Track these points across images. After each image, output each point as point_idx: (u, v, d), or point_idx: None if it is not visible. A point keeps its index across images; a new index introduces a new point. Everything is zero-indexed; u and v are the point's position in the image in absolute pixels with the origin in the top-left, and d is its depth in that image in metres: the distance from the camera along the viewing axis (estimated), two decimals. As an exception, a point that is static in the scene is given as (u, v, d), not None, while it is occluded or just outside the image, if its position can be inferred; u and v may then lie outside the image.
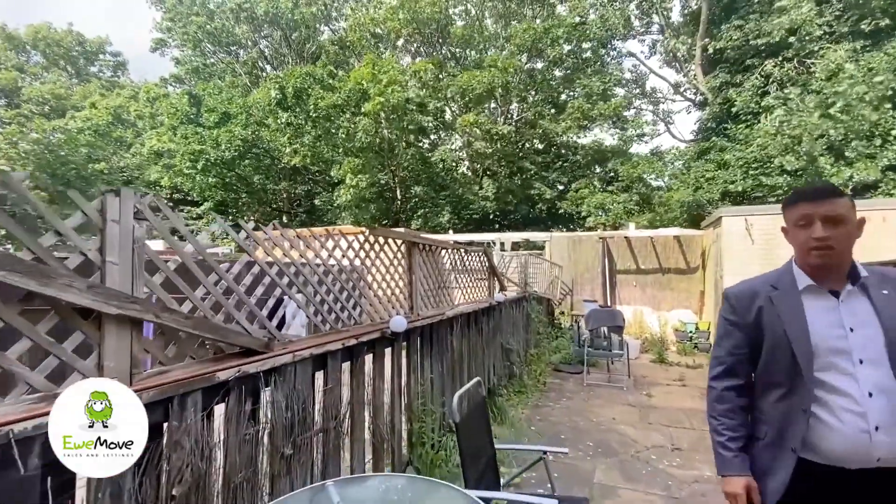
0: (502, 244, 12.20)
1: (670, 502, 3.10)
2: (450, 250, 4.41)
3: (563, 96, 19.99)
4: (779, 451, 1.29)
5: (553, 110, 18.90)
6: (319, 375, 2.32)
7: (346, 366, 2.56)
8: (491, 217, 17.74)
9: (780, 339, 1.28)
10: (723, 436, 1.38)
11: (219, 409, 1.71)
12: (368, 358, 2.80)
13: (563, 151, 19.78)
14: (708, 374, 1.46)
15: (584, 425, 4.58)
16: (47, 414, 1.13)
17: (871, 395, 1.18)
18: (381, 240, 3.23)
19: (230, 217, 18.21)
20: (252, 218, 18.94)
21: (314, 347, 2.23)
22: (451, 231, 15.33)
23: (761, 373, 1.36)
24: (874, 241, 6.79)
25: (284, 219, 20.09)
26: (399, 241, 3.45)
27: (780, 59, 13.11)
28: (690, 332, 9.17)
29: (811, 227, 1.24)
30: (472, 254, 5.01)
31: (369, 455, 2.72)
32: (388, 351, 3.02)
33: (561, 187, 18.69)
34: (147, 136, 19.12)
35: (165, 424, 1.53)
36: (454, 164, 18.86)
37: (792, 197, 1.32)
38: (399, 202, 19.68)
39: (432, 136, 21.27)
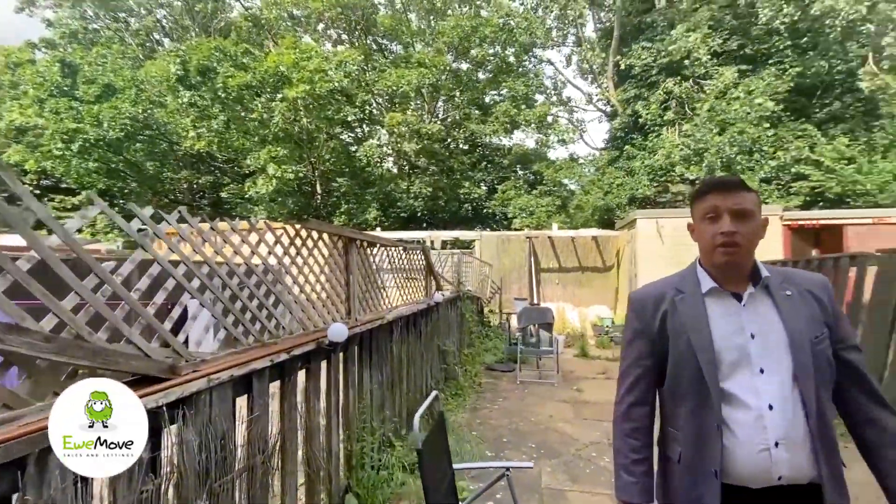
0: (432, 242, 12.02)
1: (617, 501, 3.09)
2: (390, 248, 4.06)
3: (488, 98, 20.38)
4: (699, 476, 1.16)
5: (478, 112, 19.17)
6: (242, 401, 1.88)
7: (275, 386, 2.12)
8: (419, 215, 17.49)
9: (684, 349, 1.19)
10: (626, 458, 1.27)
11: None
12: (302, 374, 2.38)
13: (488, 152, 20.17)
14: (617, 387, 1.35)
15: (524, 426, 4.52)
16: None
17: (771, 407, 1.10)
18: (315, 235, 2.81)
19: (116, 208, 15.78)
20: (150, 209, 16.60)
21: (235, 367, 1.79)
22: (378, 229, 14.81)
23: (669, 385, 1.25)
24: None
25: (185, 211, 17.90)
26: (335, 237, 3.04)
27: (679, 78, 14.58)
28: (607, 326, 9.76)
29: (719, 220, 1.16)
30: (411, 252, 4.71)
31: (303, 489, 2.30)
32: (324, 364, 2.62)
33: (486, 187, 19.04)
34: (6, 109, 15.82)
35: (15, 498, 1.05)
36: (380, 160, 18.28)
37: (702, 188, 1.24)
38: (320, 197, 18.61)
39: (357, 130, 20.46)
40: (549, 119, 19.10)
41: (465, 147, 19.93)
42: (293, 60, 14.00)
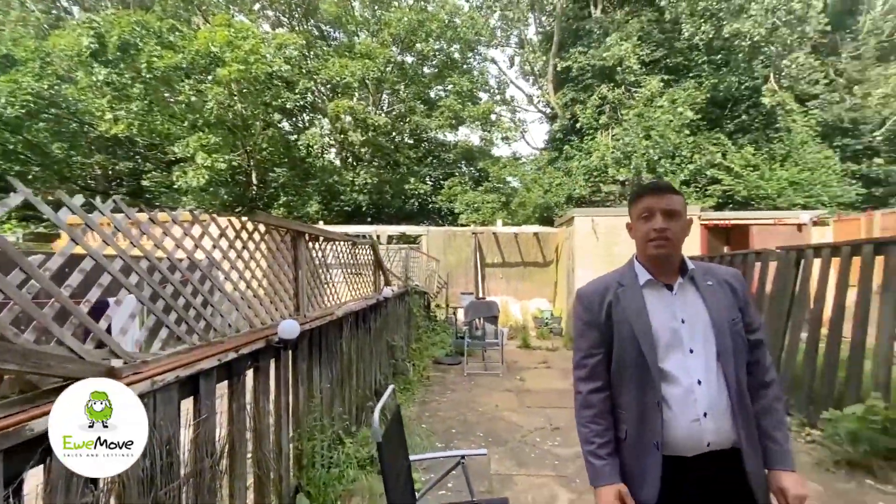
0: (378, 237, 11.86)
1: (560, 481, 3.29)
2: (338, 243, 3.98)
3: (433, 93, 20.39)
4: (643, 451, 1.29)
5: (423, 106, 19.14)
6: (189, 404, 1.78)
7: (223, 386, 2.02)
8: (364, 209, 17.14)
9: (627, 334, 1.33)
10: (592, 444, 1.35)
11: (35, 477, 1.13)
12: (251, 374, 2.29)
13: (433, 147, 20.19)
14: (573, 378, 1.46)
15: (472, 417, 4.65)
16: None
17: (699, 382, 1.25)
18: (263, 228, 2.70)
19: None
20: (52, 198, 14.80)
21: (181, 368, 1.68)
22: (320, 222, 14.34)
23: (616, 369, 1.37)
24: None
25: (99, 200, 16.20)
26: (283, 231, 2.93)
27: (613, 84, 15.52)
28: (546, 318, 10.25)
29: (653, 219, 1.31)
30: (360, 247, 4.64)
31: (251, 491, 2.22)
32: (273, 363, 2.53)
33: (432, 183, 19.07)
34: None
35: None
36: (322, 150, 17.65)
37: (638, 191, 1.40)
38: (256, 188, 17.63)
39: (296, 118, 19.60)
40: (493, 117, 19.50)
41: (411, 141, 19.81)
42: (227, 39, 13.08)
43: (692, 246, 8.73)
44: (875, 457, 3.25)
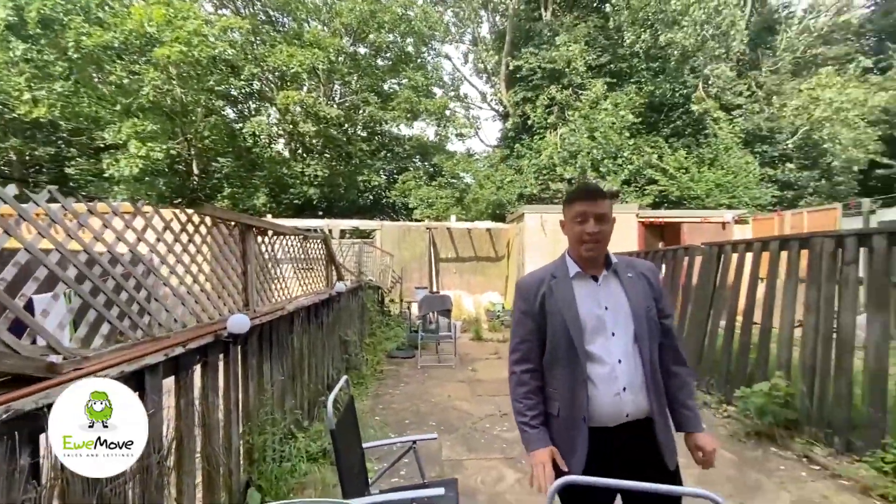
0: (330, 232, 11.65)
1: (507, 462, 3.49)
2: (289, 237, 3.92)
3: (387, 86, 20.18)
4: (572, 424, 1.44)
5: (377, 98, 18.90)
6: (134, 399, 1.74)
7: (170, 381, 1.99)
8: (315, 202, 16.69)
9: (558, 321, 1.47)
10: (525, 416, 1.51)
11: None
12: (199, 369, 2.25)
13: (388, 141, 19.99)
14: (509, 360, 1.62)
15: (425, 408, 4.76)
16: None
17: (620, 361, 1.42)
18: (210, 221, 2.64)
19: None
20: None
21: (125, 363, 1.65)
22: (268, 216, 13.82)
23: (548, 353, 1.51)
24: (615, 236, 9.02)
25: (14, 189, 14.64)
26: (231, 224, 2.88)
27: (561, 85, 16.13)
28: (498, 311, 10.58)
29: (586, 223, 1.46)
30: (311, 241, 4.59)
31: (201, 486, 2.20)
32: (222, 357, 2.50)
33: (385, 177, 18.91)
34: None
35: None
36: (269, 140, 16.95)
37: (573, 196, 1.56)
38: (197, 178, 16.67)
39: (242, 106, 18.70)
40: (448, 113, 19.63)
41: (364, 134, 19.50)
42: (165, 18, 12.21)
43: (630, 241, 9.36)
44: (778, 427, 3.71)
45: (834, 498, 2.91)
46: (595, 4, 17.81)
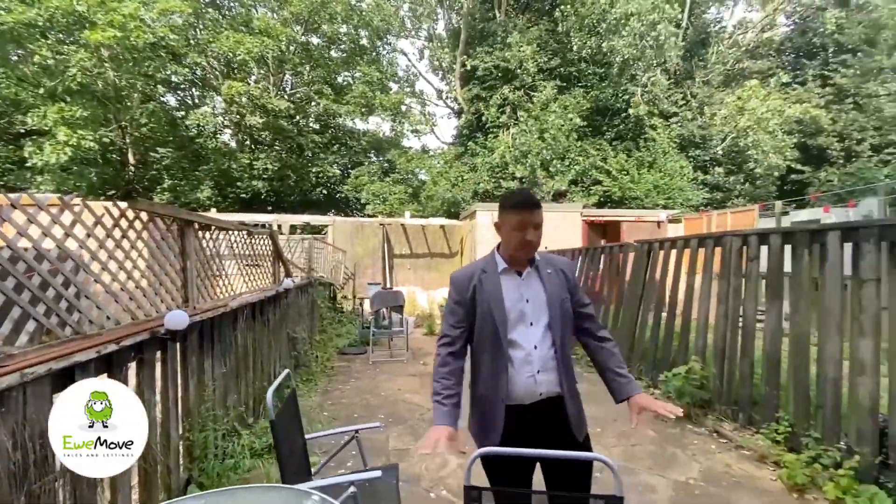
0: (279, 227, 11.34)
1: (451, 450, 3.64)
2: (233, 232, 3.86)
3: (341, 79, 19.81)
4: (494, 404, 1.60)
5: (331, 91, 18.52)
6: (63, 397, 1.71)
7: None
8: (264, 197, 16.13)
9: (486, 311, 1.62)
10: (440, 394, 1.64)
11: None
12: (134, 366, 2.22)
13: (341, 134, 19.64)
14: (437, 344, 1.77)
15: (375, 401, 4.84)
16: None
17: (536, 347, 1.60)
18: (145, 216, 2.58)
19: None
20: None
21: (53, 360, 1.63)
22: (213, 210, 13.23)
23: (476, 340, 1.65)
24: (561, 234, 9.37)
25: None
26: (169, 219, 2.82)
27: (514, 86, 16.56)
28: (451, 307, 10.77)
29: (525, 231, 1.61)
30: (257, 237, 4.52)
31: (137, 484, 2.18)
32: (159, 355, 2.46)
33: (339, 171, 18.59)
34: None
35: None
36: (214, 131, 16.16)
37: (514, 204, 1.70)
38: (133, 168, 15.62)
39: (185, 94, 17.69)
40: (404, 108, 19.57)
41: (317, 126, 19.05)
42: (98, -1, 11.34)
43: (575, 238, 9.86)
44: (694, 406, 4.13)
45: (735, 466, 3.31)
46: (546, 8, 18.38)
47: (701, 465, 3.34)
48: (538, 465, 1.66)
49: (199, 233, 3.21)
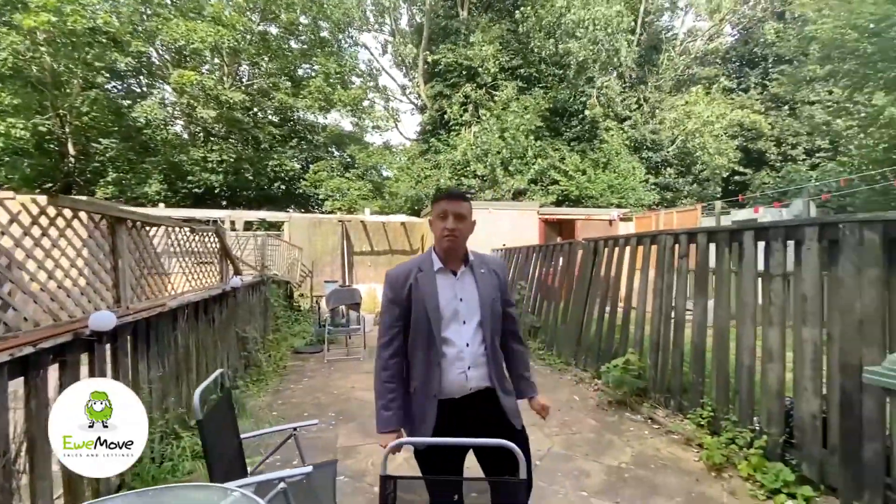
0: (233, 223, 10.97)
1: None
2: (174, 229, 3.74)
3: (301, 72, 19.30)
4: (426, 399, 1.65)
5: (290, 83, 18.01)
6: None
7: (18, 383, 1.88)
8: (217, 192, 15.51)
9: (421, 309, 1.65)
10: (385, 398, 1.69)
11: None
12: (55, 369, 2.14)
13: (300, 128, 19.17)
14: (377, 344, 1.82)
15: (326, 399, 4.82)
16: None
17: (468, 345, 1.67)
18: (69, 213, 2.48)
19: None
20: None
21: (-43, 365, 1.56)
22: (162, 205, 12.61)
23: (411, 338, 1.69)
24: (519, 232, 9.58)
25: None
26: (97, 216, 2.71)
27: (476, 84, 16.72)
28: (412, 303, 10.81)
29: (446, 220, 1.67)
30: (201, 234, 4.39)
31: (60, 490, 2.10)
32: (85, 357, 2.38)
33: (299, 166, 18.14)
34: None
35: None
36: (164, 122, 15.38)
37: (437, 196, 1.80)
38: (73, 160, 14.64)
39: (131, 82, 16.71)
40: (366, 103, 19.31)
41: (276, 119, 18.49)
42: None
43: (532, 235, 10.13)
44: (631, 395, 4.38)
45: (664, 449, 3.55)
46: (508, 8, 18.63)
47: (633, 449, 3.56)
48: (470, 451, 1.73)
49: (138, 230, 3.10)
